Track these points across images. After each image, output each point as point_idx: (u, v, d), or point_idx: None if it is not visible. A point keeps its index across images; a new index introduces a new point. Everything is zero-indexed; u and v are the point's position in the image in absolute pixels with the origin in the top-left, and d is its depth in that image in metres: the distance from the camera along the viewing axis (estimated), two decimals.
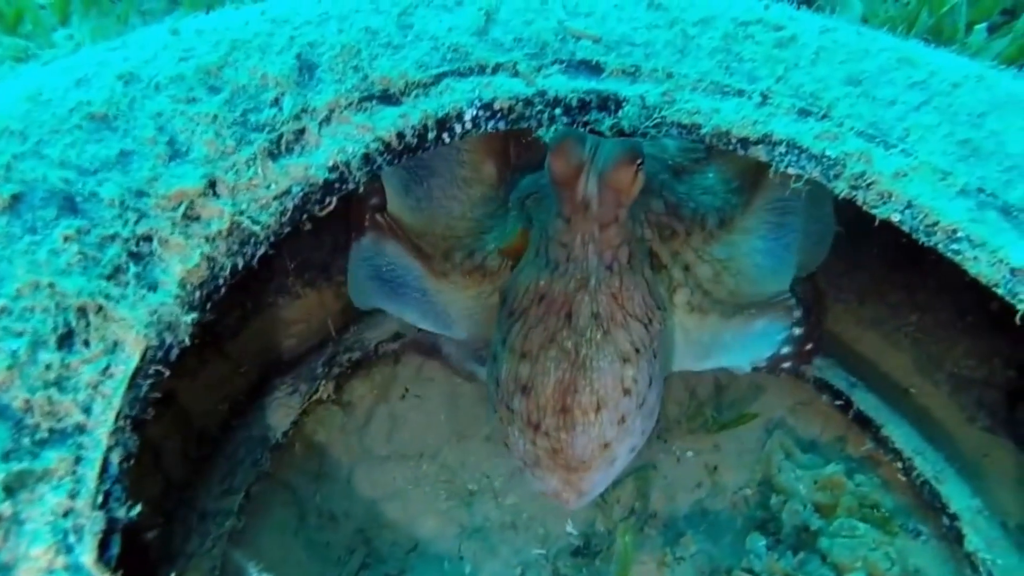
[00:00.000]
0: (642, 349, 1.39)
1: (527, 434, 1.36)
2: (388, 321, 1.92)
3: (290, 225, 1.39)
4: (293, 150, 1.42)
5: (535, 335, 1.37)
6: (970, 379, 2.06)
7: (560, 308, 1.36)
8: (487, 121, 1.58)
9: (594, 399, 1.33)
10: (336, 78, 1.52)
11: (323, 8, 1.65)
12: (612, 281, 1.39)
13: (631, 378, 1.36)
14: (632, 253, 1.43)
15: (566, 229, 1.39)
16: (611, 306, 1.38)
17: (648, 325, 1.41)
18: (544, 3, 1.77)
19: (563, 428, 1.33)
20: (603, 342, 1.35)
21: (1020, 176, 1.39)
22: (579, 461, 1.35)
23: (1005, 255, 1.31)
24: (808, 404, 1.97)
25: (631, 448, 1.43)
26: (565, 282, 1.38)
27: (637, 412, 1.39)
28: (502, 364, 1.40)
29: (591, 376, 1.33)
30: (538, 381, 1.34)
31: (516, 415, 1.37)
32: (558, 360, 1.34)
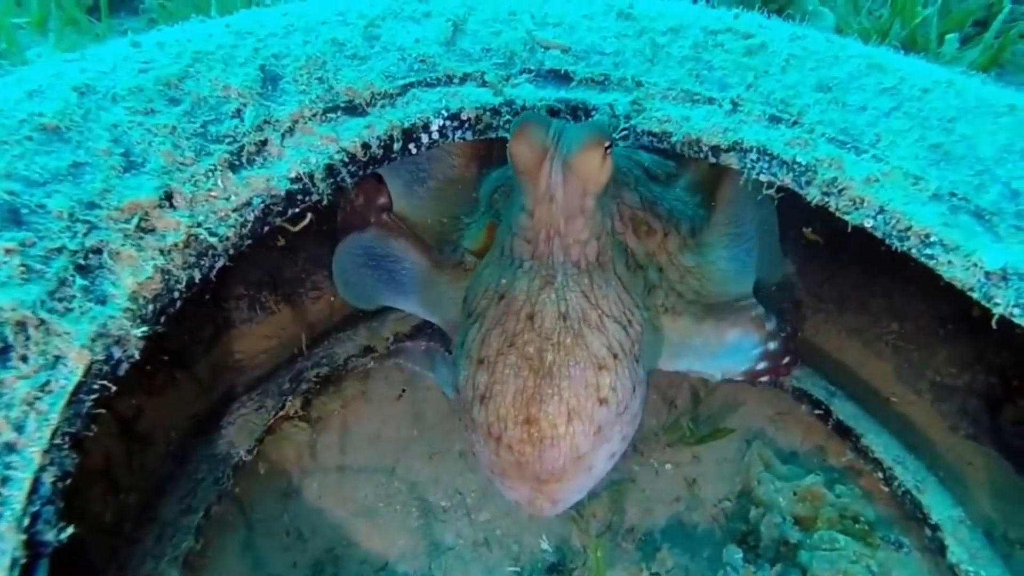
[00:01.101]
0: (621, 354, 1.26)
1: (490, 445, 1.24)
2: (358, 335, 1.89)
3: (251, 237, 1.36)
4: (254, 161, 1.40)
5: (492, 339, 1.24)
6: (952, 387, 2.04)
7: (520, 309, 1.23)
8: (454, 131, 1.57)
9: (563, 409, 1.19)
10: (300, 89, 1.50)
11: (289, 21, 1.64)
12: (581, 279, 1.26)
13: (608, 386, 1.23)
14: (602, 249, 1.30)
15: (530, 223, 1.26)
16: (583, 306, 1.24)
17: (627, 327, 1.29)
18: (513, 14, 1.76)
19: (528, 441, 1.20)
20: (573, 346, 1.21)
21: (992, 180, 1.38)
22: (549, 473, 1.22)
23: (979, 259, 1.29)
24: (787, 414, 1.95)
25: (610, 455, 1.30)
26: (528, 280, 1.25)
27: (616, 420, 1.26)
28: (460, 371, 1.28)
29: (559, 384, 1.19)
30: (496, 390, 1.21)
31: (478, 425, 1.24)
32: (517, 367, 1.20)
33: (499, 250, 1.32)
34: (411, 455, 1.86)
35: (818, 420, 1.87)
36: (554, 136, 1.23)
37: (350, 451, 1.84)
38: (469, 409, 1.25)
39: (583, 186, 1.24)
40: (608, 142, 1.23)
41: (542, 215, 1.25)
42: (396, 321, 1.94)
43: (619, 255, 1.38)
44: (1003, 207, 1.34)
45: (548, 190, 1.23)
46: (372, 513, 1.76)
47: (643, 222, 1.54)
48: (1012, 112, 1.45)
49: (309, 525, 1.73)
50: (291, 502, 1.76)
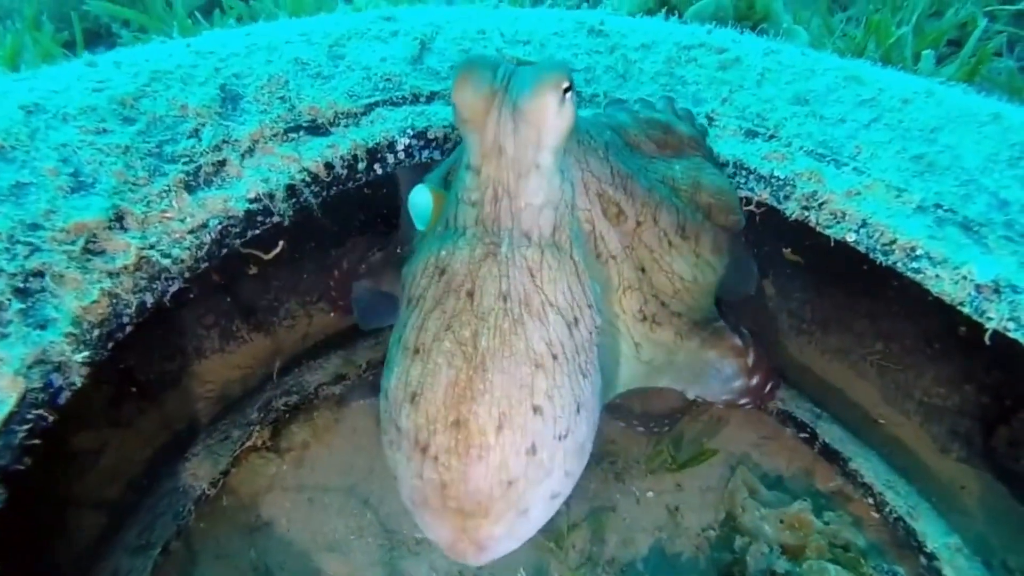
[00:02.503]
0: (561, 356, 1.05)
1: (414, 462, 1.03)
2: (330, 363, 1.82)
3: (208, 260, 1.29)
4: (212, 182, 1.34)
5: (431, 323, 1.04)
6: (941, 408, 1.99)
7: (461, 285, 1.04)
8: (421, 150, 1.52)
9: (494, 412, 1.00)
10: (261, 108, 1.45)
11: (252, 40, 1.60)
12: (530, 253, 1.06)
13: (543, 392, 1.02)
14: (559, 223, 1.10)
15: (475, 181, 1.08)
16: (526, 286, 1.05)
17: (572, 326, 1.08)
18: (482, 32, 1.73)
19: (455, 451, 1.00)
20: (510, 334, 1.02)
21: (978, 190, 1.34)
22: (475, 502, 1.01)
23: (969, 271, 1.25)
24: (772, 438, 1.88)
25: (550, 495, 1.07)
26: (470, 250, 1.06)
27: (556, 444, 1.04)
28: (392, 369, 1.08)
29: (491, 380, 1.00)
30: (428, 384, 1.02)
31: (403, 435, 1.04)
32: (451, 354, 1.01)
33: (443, 222, 1.13)
34: (384, 486, 1.78)
35: (804, 443, 1.81)
36: (503, 79, 1.06)
37: (321, 482, 1.76)
38: (396, 416, 1.06)
39: (538, 136, 1.05)
40: (567, 83, 1.05)
41: (489, 171, 1.07)
42: (370, 348, 1.87)
43: (580, 237, 1.16)
44: (991, 217, 1.31)
45: (496, 141, 1.06)
46: (343, 546, 1.68)
47: (612, 202, 1.26)
48: (996, 120, 1.43)
49: (277, 560, 1.65)
50: (258, 536, 1.68)
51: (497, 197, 1.07)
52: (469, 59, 1.08)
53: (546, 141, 1.06)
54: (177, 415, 1.81)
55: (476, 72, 1.06)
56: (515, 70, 1.07)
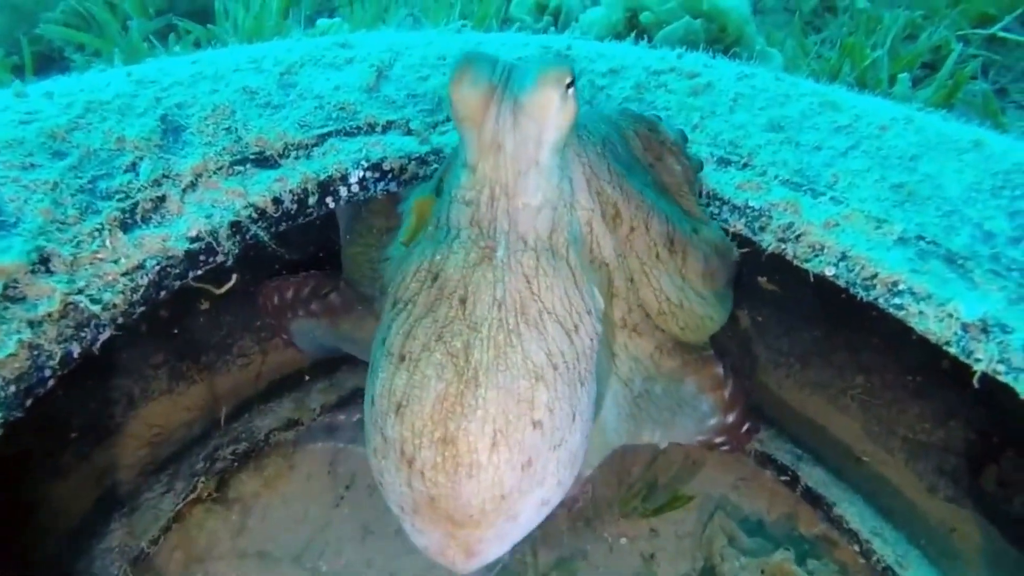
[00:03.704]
0: (562, 366, 1.01)
1: (402, 472, 0.98)
2: (282, 407, 1.72)
3: (144, 304, 1.20)
4: (150, 219, 1.25)
5: (420, 330, 0.99)
6: (926, 444, 1.92)
7: (454, 291, 0.99)
8: (376, 183, 1.44)
9: (488, 430, 0.95)
10: (205, 140, 1.36)
11: (198, 68, 1.51)
12: (526, 259, 1.01)
13: (543, 405, 0.97)
14: (556, 225, 1.05)
15: (471, 180, 1.03)
16: (522, 294, 1.00)
17: (573, 333, 1.03)
18: (442, 58, 1.66)
19: (442, 468, 0.95)
20: (506, 346, 0.97)
21: (962, 221, 1.28)
22: (466, 515, 0.97)
23: (955, 308, 1.17)
24: (752, 479, 1.80)
25: (541, 503, 1.04)
26: (464, 253, 1.01)
27: (551, 455, 1.00)
28: (376, 375, 1.03)
29: (485, 396, 0.95)
30: (414, 396, 0.96)
31: (389, 446, 0.99)
32: (441, 367, 0.96)
33: (435, 222, 1.08)
34: (341, 537, 1.67)
35: (785, 486, 1.72)
36: (502, 74, 1.02)
37: (272, 535, 1.65)
38: (382, 425, 1.00)
39: (538, 132, 1.00)
40: (569, 77, 1.00)
41: (486, 169, 1.02)
42: (323, 391, 1.78)
43: (576, 240, 1.11)
44: (977, 250, 1.24)
45: (495, 138, 1.01)
46: None
47: (611, 202, 1.19)
48: (977, 148, 1.37)
49: None
50: None
51: (494, 197, 1.02)
52: (467, 54, 1.03)
53: (547, 137, 1.01)
54: (119, 463, 1.70)
55: (474, 67, 1.02)
56: (514, 65, 1.02)
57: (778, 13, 3.31)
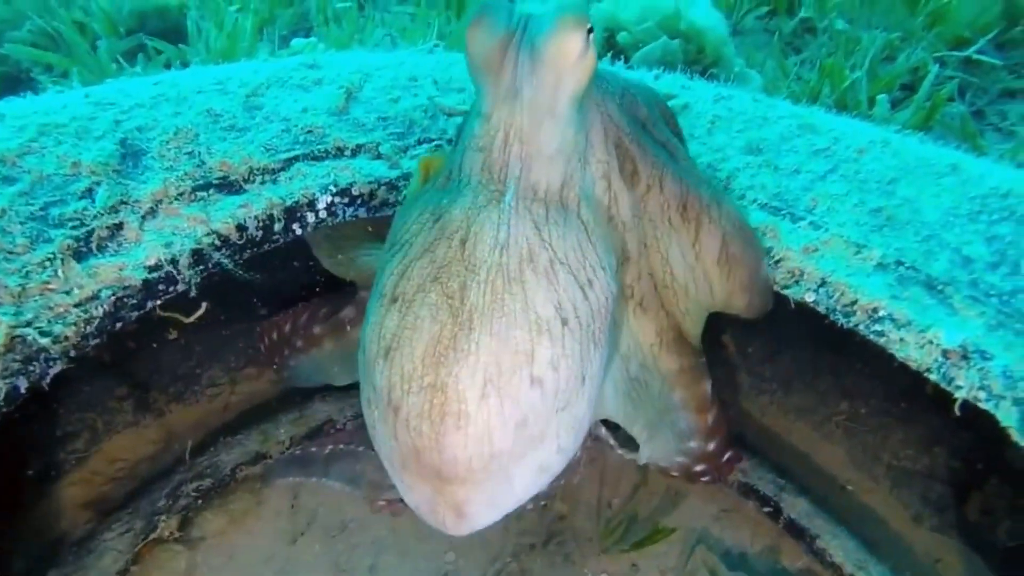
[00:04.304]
0: (573, 321, 0.95)
1: (388, 423, 0.92)
2: (250, 440, 1.66)
3: (98, 336, 1.15)
4: (106, 248, 1.20)
5: (416, 270, 0.94)
6: (911, 471, 1.89)
7: (455, 232, 0.95)
8: (345, 208, 1.39)
9: (478, 378, 0.89)
10: (166, 165, 1.32)
11: (160, 90, 1.47)
12: (536, 207, 0.97)
13: (546, 361, 0.91)
14: (568, 179, 1.02)
15: (485, 127, 0.99)
16: (530, 240, 0.94)
17: (587, 287, 0.97)
18: (414, 79, 1.62)
19: (427, 417, 0.89)
20: (504, 292, 0.91)
21: (940, 246, 1.26)
22: (451, 471, 0.91)
23: (935, 336, 1.16)
24: (734, 510, 1.74)
25: (538, 468, 0.97)
26: (472, 196, 0.97)
27: (552, 417, 0.94)
28: (369, 319, 0.97)
29: (477, 340, 0.89)
30: (405, 338, 0.91)
31: (378, 395, 0.94)
32: (436, 308, 0.91)
33: (445, 174, 1.04)
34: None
35: (768, 517, 1.68)
36: (519, 22, 0.99)
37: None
38: (370, 373, 0.95)
39: (556, 81, 0.98)
40: (588, 24, 0.97)
41: (502, 115, 0.99)
42: (293, 423, 1.71)
43: (590, 199, 1.06)
44: (956, 276, 1.22)
45: (513, 84, 0.98)
46: None
47: (629, 157, 1.13)
48: (954, 172, 1.35)
49: None
50: None
51: (508, 142, 0.98)
52: (483, 3, 1.01)
53: (565, 86, 0.98)
54: (77, 501, 1.63)
55: (491, 15, 0.99)
56: (531, 14, 1.00)
57: (758, 34, 3.32)
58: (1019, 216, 1.25)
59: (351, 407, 1.80)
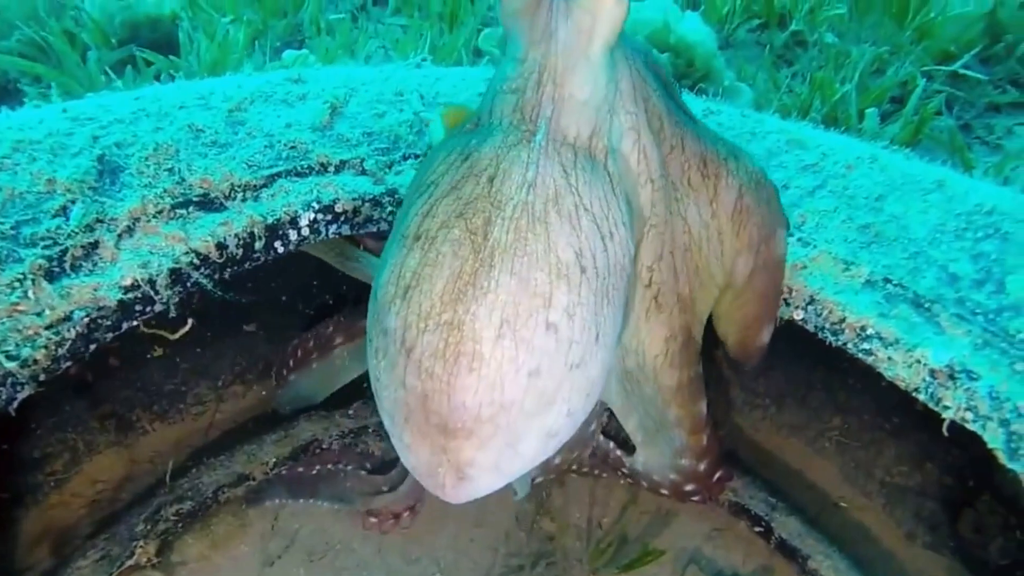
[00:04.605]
0: (591, 271, 0.93)
1: (398, 367, 0.91)
2: (233, 461, 1.63)
3: (71, 358, 1.13)
4: (80, 267, 1.18)
5: (441, 208, 0.94)
6: (904, 488, 1.87)
7: (484, 170, 0.94)
8: (328, 225, 1.38)
9: (496, 318, 0.87)
10: (145, 182, 1.30)
11: (140, 105, 1.45)
12: (564, 151, 0.97)
13: (562, 307, 0.90)
14: (597, 130, 1.02)
15: (519, 70, 0.99)
16: (558, 182, 0.94)
17: (608, 239, 0.96)
18: (399, 94, 1.61)
19: (441, 356, 0.88)
20: (528, 231, 0.90)
21: (927, 263, 1.25)
22: (458, 420, 0.89)
23: (922, 355, 1.15)
24: (726, 529, 1.72)
25: (547, 432, 0.94)
26: (503, 136, 0.97)
27: (565, 373, 0.92)
28: (386, 262, 0.96)
29: (498, 278, 0.88)
30: (425, 275, 0.90)
31: (389, 338, 0.92)
32: (459, 243, 0.90)
33: (474, 120, 1.05)
34: None
35: (760, 536, 1.66)
36: None
37: None
38: (384, 316, 0.93)
39: (592, 24, 0.97)
40: None
41: (537, 56, 0.99)
42: (278, 443, 1.69)
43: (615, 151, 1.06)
44: (942, 293, 1.21)
45: (548, 26, 0.98)
46: None
47: (656, 113, 1.12)
48: (940, 188, 1.34)
49: None
50: None
51: (541, 82, 0.98)
52: None
53: (600, 31, 0.98)
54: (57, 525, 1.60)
55: None
56: None
57: (750, 47, 3.32)
58: (1003, 233, 1.25)
59: (337, 427, 1.78)
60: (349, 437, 1.81)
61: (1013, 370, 1.09)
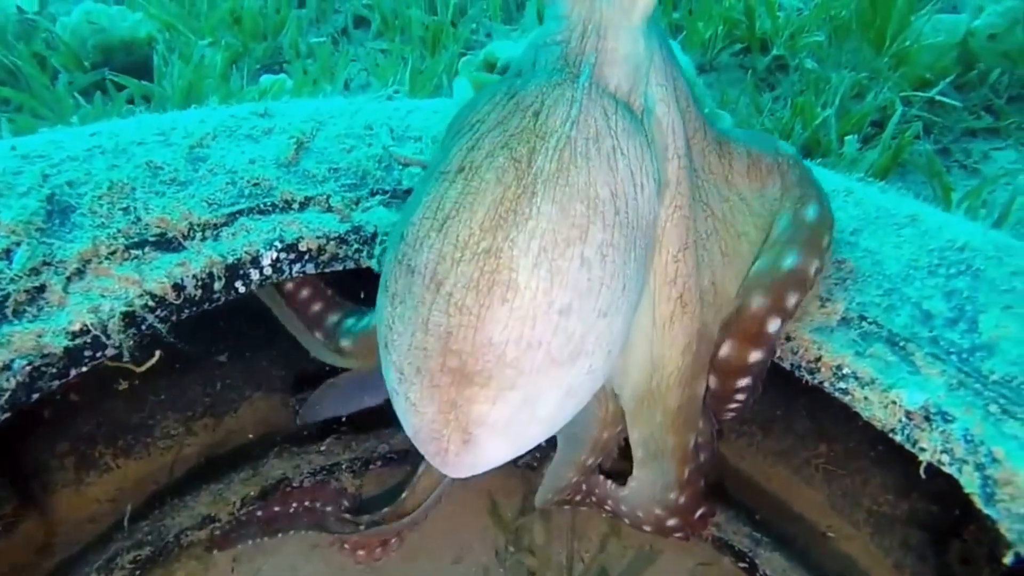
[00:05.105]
0: (623, 214, 0.94)
1: (423, 307, 0.89)
2: (197, 501, 1.57)
3: (9, 409, 1.08)
4: (24, 313, 1.14)
5: (487, 141, 0.95)
6: (891, 516, 1.84)
7: (529, 106, 0.97)
8: (291, 264, 1.34)
9: (535, 246, 0.87)
10: (98, 222, 1.26)
11: (96, 141, 1.41)
12: (606, 98, 1.00)
13: (596, 243, 0.90)
14: (635, 88, 1.05)
15: (564, 24, 1.03)
16: (599, 123, 0.97)
17: (639, 189, 0.98)
18: (369, 128, 1.58)
19: (475, 287, 0.86)
20: (571, 163, 0.92)
21: (901, 300, 1.22)
22: (480, 361, 0.86)
23: (898, 396, 1.13)
24: (711, 563, 1.70)
25: (567, 389, 0.92)
26: (548, 75, 1.00)
27: (592, 320, 0.91)
28: (419, 200, 0.95)
29: (539, 205, 0.88)
30: (466, 204, 0.90)
31: (416, 277, 0.91)
32: (503, 170, 0.91)
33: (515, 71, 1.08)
34: None
35: (745, 572, 1.63)
36: None
37: None
38: (414, 255, 0.92)
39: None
40: None
41: (581, 11, 1.03)
42: (246, 482, 1.64)
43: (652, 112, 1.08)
44: (917, 332, 1.18)
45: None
46: None
47: (684, 95, 1.15)
48: (914, 223, 1.32)
49: None
50: None
51: (586, 34, 1.02)
52: None
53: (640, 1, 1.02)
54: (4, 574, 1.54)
55: None
56: None
57: (733, 70, 3.32)
58: (975, 270, 1.23)
59: (308, 464, 1.74)
60: (321, 474, 1.76)
61: (987, 412, 1.07)
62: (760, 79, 3.14)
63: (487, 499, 1.90)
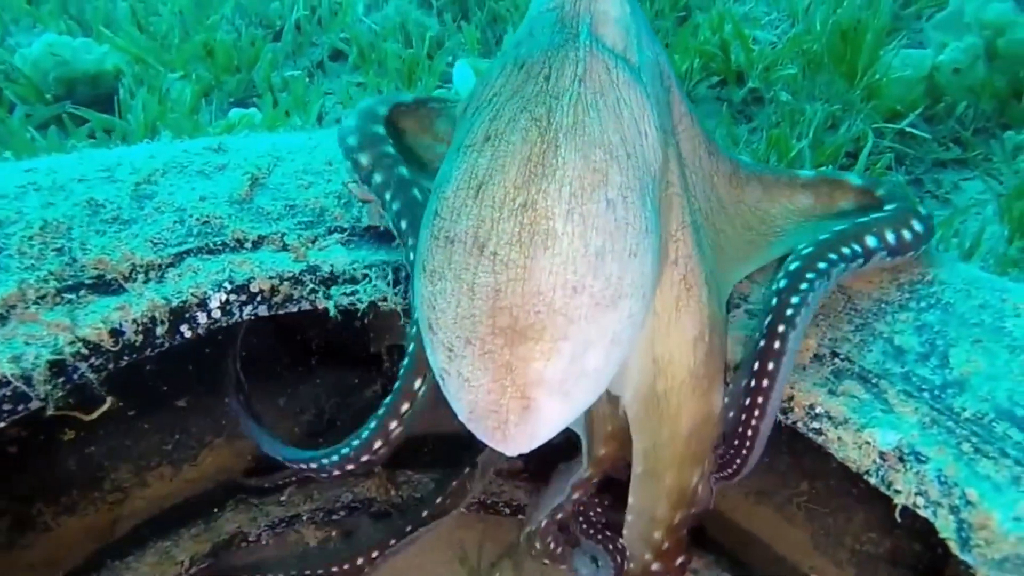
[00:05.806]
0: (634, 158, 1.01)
1: (467, 273, 0.93)
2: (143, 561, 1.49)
3: None
4: None
5: (507, 109, 1.01)
6: (874, 555, 1.80)
7: (539, 72, 1.04)
8: (242, 306, 1.28)
9: (566, 192, 0.93)
10: (27, 264, 1.20)
11: (31, 178, 1.36)
12: (605, 54, 1.07)
13: (617, 185, 0.97)
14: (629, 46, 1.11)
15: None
16: (602, 77, 1.04)
17: (643, 137, 1.05)
18: (328, 164, 1.53)
19: (517, 241, 0.92)
20: (584, 115, 0.99)
21: (871, 335, 1.20)
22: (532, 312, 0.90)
23: (871, 436, 1.09)
24: None
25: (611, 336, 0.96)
26: (550, 38, 1.07)
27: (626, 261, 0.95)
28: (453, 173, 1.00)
29: (564, 156, 0.95)
30: (497, 167, 0.96)
31: (457, 246, 0.95)
32: (526, 130, 0.98)
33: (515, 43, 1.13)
34: None
35: None
36: None
37: None
38: (453, 224, 0.96)
39: None
40: None
41: None
42: (196, 538, 1.55)
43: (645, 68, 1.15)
44: (888, 368, 1.15)
45: None
46: None
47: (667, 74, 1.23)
48: None
49: None
50: None
51: None
52: None
53: None
54: None
55: None
56: None
57: (710, 102, 3.33)
58: (944, 304, 1.21)
59: (265, 516, 1.66)
60: (280, 527, 1.69)
61: (960, 451, 1.04)
62: (737, 111, 3.15)
63: (458, 548, 1.83)
